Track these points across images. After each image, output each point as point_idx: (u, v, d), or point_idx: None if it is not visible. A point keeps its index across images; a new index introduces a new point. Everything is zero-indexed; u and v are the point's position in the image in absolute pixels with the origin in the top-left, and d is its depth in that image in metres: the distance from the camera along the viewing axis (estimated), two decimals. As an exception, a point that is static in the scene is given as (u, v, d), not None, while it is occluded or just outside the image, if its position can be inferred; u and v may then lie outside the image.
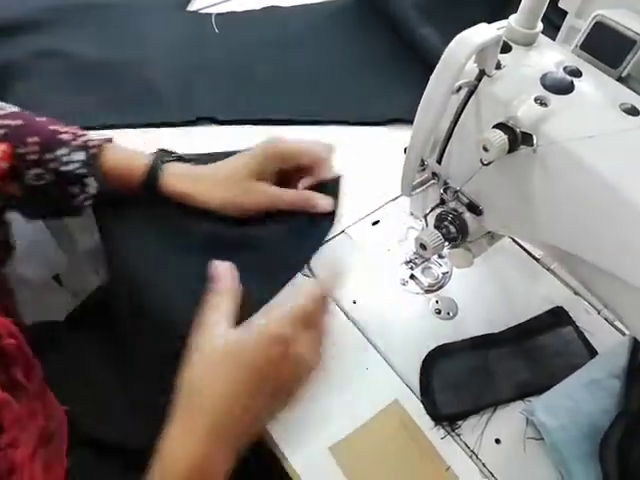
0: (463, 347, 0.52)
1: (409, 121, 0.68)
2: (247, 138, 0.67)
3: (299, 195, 0.54)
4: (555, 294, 0.55)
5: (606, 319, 0.54)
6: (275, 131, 0.68)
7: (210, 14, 0.80)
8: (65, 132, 0.52)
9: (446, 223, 0.42)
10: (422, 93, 0.74)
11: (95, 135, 0.54)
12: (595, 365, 0.49)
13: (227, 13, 0.81)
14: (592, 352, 0.52)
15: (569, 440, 0.45)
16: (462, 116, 0.37)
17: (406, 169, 0.39)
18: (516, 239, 0.59)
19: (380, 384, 0.50)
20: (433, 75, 0.35)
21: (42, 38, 0.70)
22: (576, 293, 0.56)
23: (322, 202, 0.53)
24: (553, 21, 0.48)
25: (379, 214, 0.61)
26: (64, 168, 0.51)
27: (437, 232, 0.41)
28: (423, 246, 0.41)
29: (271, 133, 0.68)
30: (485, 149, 0.33)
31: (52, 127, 0.52)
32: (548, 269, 0.57)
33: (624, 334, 0.53)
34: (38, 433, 0.41)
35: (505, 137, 0.33)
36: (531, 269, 0.58)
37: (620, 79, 0.36)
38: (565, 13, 0.46)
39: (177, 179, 0.53)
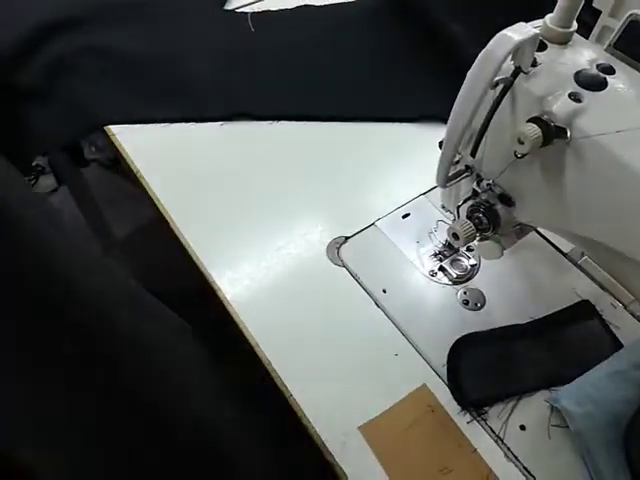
0: (490, 336, 0.53)
1: (437, 118, 0.72)
2: (283, 134, 0.70)
3: None
4: (581, 288, 0.57)
5: (632, 313, 0.55)
6: (308, 126, 0.72)
7: (246, 13, 0.83)
8: None
9: (478, 214, 0.44)
10: (450, 92, 0.76)
11: None
12: (619, 357, 0.51)
13: (262, 12, 0.84)
14: (617, 345, 0.53)
15: (593, 428, 0.46)
16: (497, 111, 0.39)
17: (442, 161, 0.41)
18: (543, 233, 0.60)
19: (409, 369, 0.52)
20: (471, 71, 0.37)
21: (91, 35, 0.73)
22: (602, 287, 0.57)
23: None
24: (586, 20, 0.50)
25: (409, 207, 0.63)
26: None
27: (469, 222, 0.43)
28: (455, 236, 0.43)
29: (305, 128, 0.71)
30: (520, 142, 0.35)
31: None
32: (575, 263, 0.59)
33: (649, 328, 0.54)
34: None
35: (540, 130, 0.34)
36: (558, 263, 0.59)
37: (652, 77, 0.38)
38: (598, 13, 0.47)
39: None
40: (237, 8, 0.85)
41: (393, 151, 0.70)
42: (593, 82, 0.36)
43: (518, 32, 0.33)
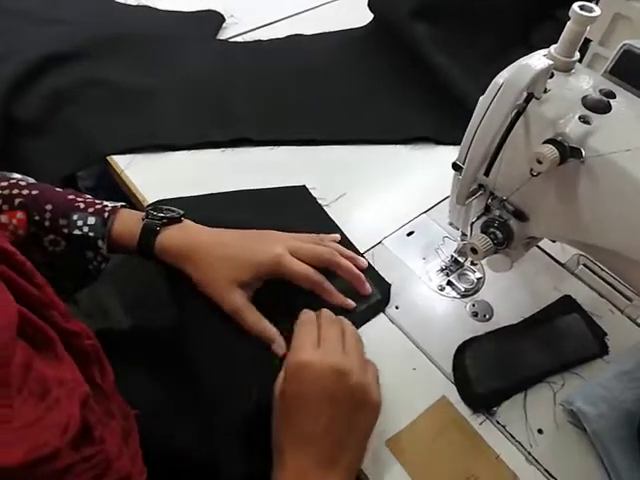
0: (488, 337, 0.56)
1: (428, 140, 0.75)
2: (284, 159, 0.72)
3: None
4: (580, 295, 0.60)
5: (629, 317, 0.59)
6: (308, 151, 0.74)
7: (238, 42, 0.85)
8: (82, 201, 0.54)
9: (492, 229, 0.46)
10: (438, 115, 0.79)
11: (110, 203, 0.55)
12: (624, 359, 0.54)
13: (253, 41, 0.86)
14: (600, 333, 0.57)
15: (608, 426, 0.49)
16: (511, 134, 0.42)
17: (463, 182, 0.43)
18: (540, 246, 0.64)
19: (428, 382, 0.54)
20: (488, 98, 0.40)
21: (88, 67, 0.73)
22: (600, 295, 0.60)
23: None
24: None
25: (412, 225, 0.66)
26: (76, 232, 0.52)
27: (487, 237, 0.45)
28: (474, 250, 0.46)
29: (299, 152, 0.73)
30: (539, 162, 0.38)
31: (70, 196, 0.54)
32: (572, 273, 0.62)
33: (647, 331, 0.58)
34: (119, 430, 0.44)
35: (557, 151, 0.37)
36: (557, 273, 0.62)
37: (647, 100, 0.42)
38: (588, 41, 0.51)
39: (169, 254, 0.54)
40: (229, 38, 0.87)
41: (389, 172, 0.72)
42: (599, 105, 0.39)
43: (536, 63, 0.37)
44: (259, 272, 0.52)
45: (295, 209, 0.66)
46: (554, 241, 0.57)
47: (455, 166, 0.46)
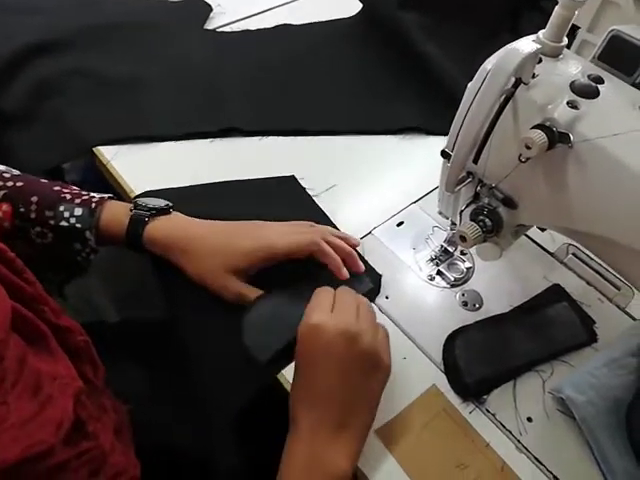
0: (478, 327, 0.56)
1: (417, 129, 0.75)
2: (273, 149, 0.71)
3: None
4: (569, 284, 0.60)
5: (617, 306, 0.59)
6: (297, 141, 0.73)
7: (226, 32, 0.84)
8: (68, 192, 0.53)
9: (482, 217, 0.46)
10: (428, 105, 0.79)
11: (96, 194, 0.55)
12: (613, 346, 0.54)
13: (242, 31, 0.85)
14: (588, 322, 0.57)
15: (596, 414, 0.49)
16: (499, 120, 0.41)
17: (452, 169, 0.43)
18: (529, 234, 0.64)
19: (418, 372, 0.54)
20: (475, 84, 0.40)
21: (73, 58, 0.72)
22: (589, 283, 0.60)
23: None
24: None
25: (402, 216, 0.66)
26: (63, 224, 0.52)
27: (476, 225, 0.45)
28: (463, 238, 0.46)
29: (294, 143, 0.72)
30: (528, 147, 0.37)
31: (56, 187, 0.54)
32: (561, 262, 0.62)
33: (635, 319, 0.58)
34: (112, 425, 0.43)
35: (545, 136, 0.37)
36: (546, 262, 0.62)
37: (634, 85, 0.42)
38: (577, 28, 0.51)
39: (158, 245, 0.53)
40: (217, 28, 0.86)
41: (379, 163, 0.72)
42: (587, 91, 0.39)
43: (524, 47, 0.36)
44: (252, 259, 0.52)
45: (284, 199, 0.65)
46: (543, 230, 0.57)
47: (444, 153, 0.46)
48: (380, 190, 0.69)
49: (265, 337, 0.49)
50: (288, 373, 0.51)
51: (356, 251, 0.56)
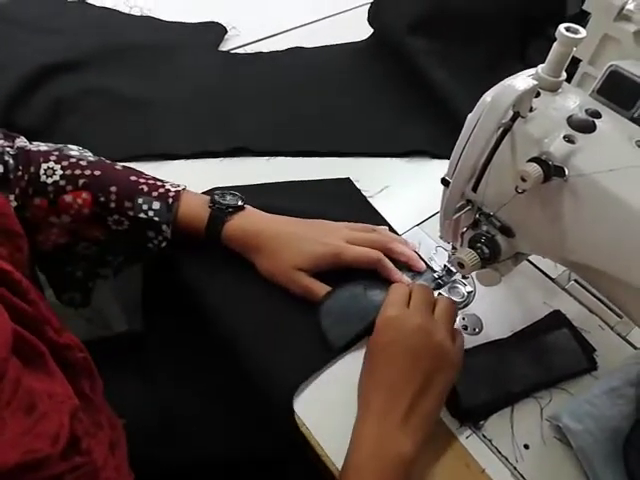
0: (477, 351, 0.56)
1: (423, 153, 0.76)
2: (281, 170, 0.73)
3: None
4: (570, 310, 0.60)
5: (619, 334, 0.59)
6: (305, 162, 0.74)
7: (239, 54, 0.87)
8: (144, 182, 0.57)
9: (480, 244, 0.47)
10: (434, 129, 0.80)
11: (171, 186, 0.58)
12: (612, 375, 0.54)
13: (255, 53, 0.88)
14: (586, 350, 0.57)
15: (594, 443, 0.49)
16: (497, 151, 0.42)
17: (451, 197, 0.44)
18: (532, 260, 0.64)
19: (416, 395, 0.54)
20: (474, 116, 0.41)
21: (90, 77, 0.75)
22: (590, 311, 0.61)
23: None
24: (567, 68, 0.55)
25: (405, 237, 0.66)
26: (141, 215, 0.55)
27: (474, 252, 0.46)
28: (461, 265, 0.46)
29: (295, 163, 0.74)
30: (523, 179, 0.38)
31: (132, 177, 0.57)
32: (563, 288, 0.62)
33: (636, 348, 0.58)
34: (107, 441, 0.44)
35: (540, 169, 0.38)
36: (547, 288, 0.63)
37: (633, 119, 0.42)
38: (578, 61, 0.52)
39: (235, 241, 0.58)
40: (231, 50, 0.88)
41: (384, 185, 0.73)
42: (584, 125, 0.40)
43: (521, 82, 0.37)
44: (320, 264, 0.56)
45: (343, 200, 0.69)
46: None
47: (444, 181, 0.47)
48: (384, 212, 0.69)
49: (341, 325, 0.55)
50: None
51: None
